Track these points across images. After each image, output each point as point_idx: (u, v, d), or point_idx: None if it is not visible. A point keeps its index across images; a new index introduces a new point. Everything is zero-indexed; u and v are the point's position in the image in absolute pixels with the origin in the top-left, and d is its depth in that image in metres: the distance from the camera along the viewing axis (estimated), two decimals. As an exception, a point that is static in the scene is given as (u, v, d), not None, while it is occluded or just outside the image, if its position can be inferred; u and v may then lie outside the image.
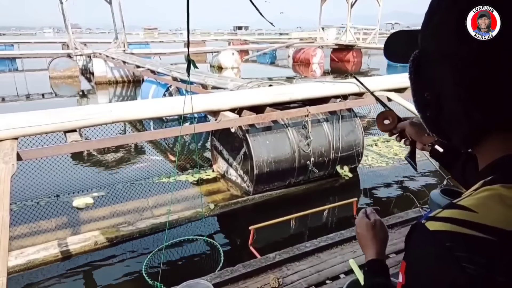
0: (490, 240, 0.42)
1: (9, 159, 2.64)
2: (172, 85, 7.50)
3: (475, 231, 0.43)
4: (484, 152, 0.54)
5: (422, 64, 0.56)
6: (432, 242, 0.45)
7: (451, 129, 0.56)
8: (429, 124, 0.59)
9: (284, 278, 1.47)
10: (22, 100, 11.95)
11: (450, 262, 0.43)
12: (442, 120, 0.56)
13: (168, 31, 59.94)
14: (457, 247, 0.43)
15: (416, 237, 0.49)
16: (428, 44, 0.55)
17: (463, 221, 0.44)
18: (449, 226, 0.45)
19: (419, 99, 0.58)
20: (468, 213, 0.45)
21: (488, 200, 0.45)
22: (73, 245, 3.43)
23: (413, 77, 0.57)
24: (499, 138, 0.52)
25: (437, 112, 0.56)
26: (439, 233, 0.45)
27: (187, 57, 2.01)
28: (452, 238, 0.44)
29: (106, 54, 13.46)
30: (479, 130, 0.52)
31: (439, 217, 0.47)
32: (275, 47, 19.82)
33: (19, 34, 55.51)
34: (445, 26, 0.51)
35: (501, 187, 0.46)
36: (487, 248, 0.42)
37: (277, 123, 4.42)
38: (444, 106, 0.54)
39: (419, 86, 0.57)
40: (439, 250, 0.44)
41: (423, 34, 0.56)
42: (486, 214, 0.44)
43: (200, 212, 4.01)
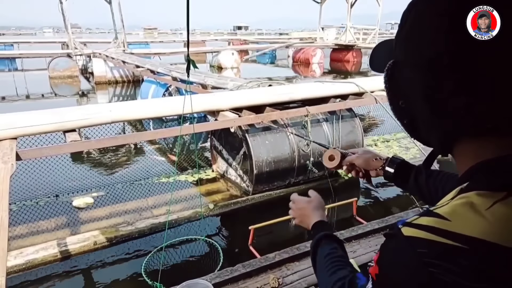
0: (460, 248, 0.44)
1: (8, 159, 2.64)
2: (171, 85, 7.50)
3: (447, 239, 0.45)
4: (460, 158, 0.56)
5: (395, 73, 0.57)
6: (405, 247, 0.48)
7: (427, 136, 0.58)
8: (408, 130, 0.61)
9: (284, 278, 1.47)
10: (22, 100, 11.94)
11: (420, 267, 0.45)
12: (418, 127, 0.58)
13: (168, 31, 59.94)
14: (428, 254, 0.45)
15: (392, 240, 0.51)
16: (399, 54, 0.57)
17: (436, 229, 0.46)
18: (423, 234, 0.46)
19: (395, 107, 0.60)
20: (441, 221, 0.46)
21: (461, 208, 0.46)
22: (73, 245, 3.42)
23: (387, 86, 0.59)
24: (473, 145, 0.52)
25: (412, 120, 0.58)
26: (413, 239, 0.47)
27: (187, 57, 2.01)
28: (424, 245, 0.46)
29: (105, 54, 13.45)
30: (450, 138, 0.54)
31: (415, 224, 0.48)
32: (275, 47, 19.82)
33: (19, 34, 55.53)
34: (412, 36, 0.54)
35: (474, 195, 0.47)
36: (457, 255, 0.44)
37: (277, 123, 4.42)
38: (416, 114, 0.56)
39: (393, 95, 0.59)
40: (410, 255, 0.46)
41: (395, 44, 0.58)
42: (458, 223, 0.45)
43: (199, 212, 4.01)
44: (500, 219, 0.44)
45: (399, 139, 6.75)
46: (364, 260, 1.53)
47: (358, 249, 1.62)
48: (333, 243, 0.85)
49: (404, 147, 6.33)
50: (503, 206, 0.45)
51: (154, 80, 8.30)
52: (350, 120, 4.95)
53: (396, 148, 6.28)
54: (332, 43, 21.63)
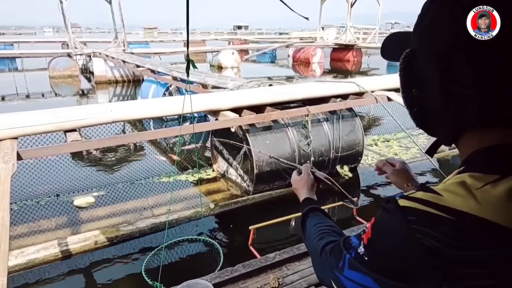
0: (447, 218, 0.48)
1: (9, 158, 2.64)
2: (172, 84, 7.50)
3: (436, 210, 0.49)
4: (464, 148, 0.58)
5: (412, 62, 0.59)
6: (398, 215, 0.53)
7: (435, 125, 0.60)
8: (416, 119, 0.63)
9: (284, 278, 1.47)
10: (22, 100, 11.93)
11: (408, 233, 0.50)
12: (427, 116, 0.60)
13: (168, 30, 59.89)
14: (417, 221, 0.50)
15: (387, 208, 0.56)
16: (418, 44, 0.59)
17: (428, 202, 0.51)
18: (416, 205, 0.51)
19: (407, 95, 0.62)
20: (434, 195, 0.51)
21: (454, 186, 0.51)
22: (73, 244, 3.43)
23: (402, 74, 0.61)
24: (478, 135, 0.55)
25: (423, 109, 0.60)
26: (406, 209, 0.52)
27: (187, 57, 2.01)
28: (414, 214, 0.51)
29: (106, 54, 13.44)
30: (459, 127, 0.57)
31: (410, 197, 0.53)
32: (275, 47, 19.80)
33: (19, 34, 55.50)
34: (433, 28, 0.55)
35: (467, 176, 0.51)
36: (442, 224, 0.48)
37: (277, 122, 4.42)
38: (428, 103, 0.58)
39: (407, 83, 0.61)
40: (401, 222, 0.52)
41: (414, 34, 0.60)
42: (449, 198, 0.50)
43: (200, 211, 4.01)
44: (489, 198, 0.48)
45: (399, 138, 6.75)
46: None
47: (358, 249, 1.64)
48: (318, 215, 0.89)
49: (404, 147, 6.33)
50: (493, 188, 0.48)
51: (155, 80, 8.30)
52: (351, 120, 4.95)
53: (397, 148, 6.28)
54: (332, 43, 21.61)
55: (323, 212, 0.92)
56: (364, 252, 0.59)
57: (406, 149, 6.22)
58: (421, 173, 5.31)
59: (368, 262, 0.58)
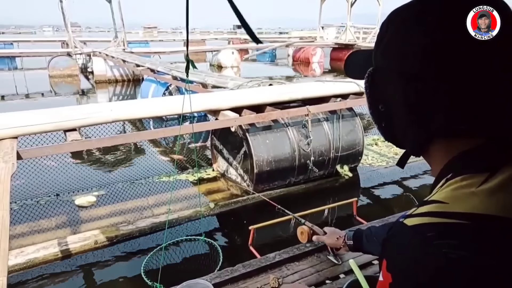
0: (463, 224, 0.47)
1: (9, 158, 2.64)
2: (172, 84, 7.50)
3: (449, 218, 0.47)
4: (434, 158, 0.59)
5: (375, 79, 0.62)
6: (413, 235, 0.49)
7: (403, 139, 0.62)
8: (384, 134, 0.66)
9: (284, 278, 1.47)
10: (22, 99, 11.93)
11: (432, 250, 0.46)
12: (395, 131, 0.62)
13: (168, 29, 59.85)
14: (437, 236, 0.47)
15: (396, 234, 0.52)
16: (379, 62, 0.61)
17: (438, 212, 0.49)
18: (427, 219, 0.49)
19: (374, 111, 0.64)
20: (440, 205, 0.49)
21: (453, 191, 0.50)
22: (73, 244, 3.43)
23: (368, 92, 0.64)
24: (446, 144, 0.57)
25: (390, 123, 0.62)
26: (418, 227, 0.49)
27: (186, 57, 2.01)
28: (431, 229, 0.47)
29: (105, 53, 13.44)
30: (425, 140, 0.58)
31: (416, 214, 0.51)
32: (275, 46, 19.79)
33: (19, 33, 55.44)
34: (392, 46, 0.57)
35: (461, 179, 0.51)
36: (462, 232, 0.46)
37: (277, 122, 4.42)
38: (395, 118, 0.60)
39: (373, 100, 0.63)
40: (420, 241, 0.47)
41: (375, 53, 0.62)
42: (455, 203, 0.49)
43: (200, 211, 4.01)
44: (489, 194, 0.48)
45: (399, 138, 6.75)
46: (364, 260, 1.53)
47: (358, 249, 1.63)
48: None
49: (404, 147, 6.33)
50: (488, 184, 0.49)
51: (154, 79, 8.30)
52: (351, 120, 4.95)
53: (397, 148, 6.27)
54: (332, 42, 21.59)
55: None
56: None
57: (406, 149, 6.21)
58: (421, 174, 5.31)
59: None
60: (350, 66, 0.77)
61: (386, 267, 0.51)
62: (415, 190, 4.81)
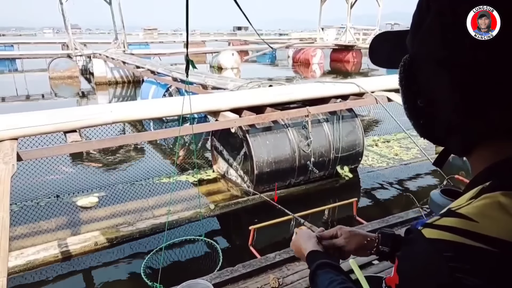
0: (490, 251, 0.40)
1: (9, 159, 2.64)
2: (172, 85, 7.50)
3: (475, 241, 0.41)
4: (477, 159, 0.52)
5: (414, 69, 0.53)
6: (429, 249, 0.44)
7: (446, 137, 0.54)
8: (422, 132, 0.57)
9: (284, 278, 1.47)
10: (22, 101, 11.94)
11: (445, 271, 0.41)
12: (436, 128, 0.54)
13: (168, 31, 59.94)
14: (455, 258, 0.41)
15: (412, 241, 0.47)
16: (420, 49, 0.52)
17: (463, 231, 0.42)
18: (449, 236, 0.43)
19: (411, 106, 0.56)
20: (468, 222, 0.43)
21: (488, 209, 0.43)
22: (73, 245, 3.42)
23: (404, 84, 0.55)
24: (494, 147, 0.50)
25: (431, 120, 0.53)
26: (437, 242, 0.43)
27: (186, 57, 2.01)
28: (451, 248, 0.42)
29: (106, 55, 13.46)
30: (474, 139, 0.51)
31: (438, 225, 0.45)
32: (275, 48, 19.81)
33: (19, 35, 55.48)
34: (439, 29, 0.48)
35: (500, 195, 0.43)
36: (484, 259, 0.40)
37: (277, 123, 4.42)
38: (438, 115, 0.52)
39: (411, 93, 0.55)
40: (434, 258, 0.43)
41: (413, 37, 0.53)
42: (487, 224, 0.42)
43: (200, 212, 4.01)
44: None
45: (399, 139, 6.75)
46: (364, 260, 1.53)
47: (359, 249, 1.63)
48: (328, 272, 0.75)
49: (404, 147, 6.33)
50: None
51: (154, 81, 8.30)
52: (351, 120, 4.96)
53: (397, 148, 6.27)
54: (332, 44, 21.62)
55: (331, 265, 0.78)
56: None
57: (406, 150, 6.22)
58: (421, 174, 5.31)
59: None
60: (376, 52, 0.67)
61: (397, 267, 0.49)
62: (415, 191, 4.80)
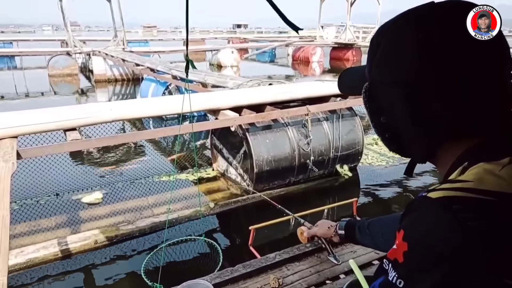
0: (490, 200, 0.46)
1: (9, 157, 2.64)
2: (171, 83, 7.49)
3: (476, 194, 0.47)
4: (441, 160, 0.59)
5: (373, 93, 0.62)
6: (438, 207, 0.48)
7: (409, 147, 0.62)
8: (389, 144, 0.64)
9: (284, 278, 1.47)
10: (21, 98, 11.92)
11: (458, 222, 0.45)
12: (400, 140, 0.61)
13: (168, 29, 59.77)
14: (463, 209, 0.46)
15: (418, 205, 0.51)
16: (375, 76, 0.61)
17: (464, 188, 0.48)
18: (453, 193, 0.48)
19: (376, 123, 0.63)
20: (465, 183, 0.49)
21: (478, 174, 0.50)
22: (73, 244, 3.43)
23: (367, 106, 0.63)
24: (450, 145, 0.57)
25: (394, 134, 0.61)
26: (444, 199, 0.48)
27: (186, 56, 2.00)
28: (457, 202, 0.47)
29: (105, 52, 13.42)
30: (433, 145, 0.58)
31: (440, 188, 0.50)
32: (275, 46, 19.79)
33: (18, 32, 55.23)
34: (388, 56, 0.58)
35: (482, 165, 0.51)
36: (489, 208, 0.46)
37: (277, 122, 4.42)
38: (399, 128, 0.60)
39: (374, 113, 0.63)
40: (445, 213, 0.47)
41: (369, 67, 0.62)
42: (481, 182, 0.48)
43: (200, 211, 4.02)
44: None
45: (399, 138, 6.75)
46: (364, 260, 1.53)
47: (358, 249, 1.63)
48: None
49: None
50: (511, 167, 0.49)
51: (154, 79, 8.29)
52: (351, 119, 4.96)
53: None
54: (332, 42, 21.60)
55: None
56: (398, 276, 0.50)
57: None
58: (420, 174, 5.31)
59: None
60: (343, 84, 0.78)
61: (403, 236, 0.50)
62: (415, 190, 4.81)
